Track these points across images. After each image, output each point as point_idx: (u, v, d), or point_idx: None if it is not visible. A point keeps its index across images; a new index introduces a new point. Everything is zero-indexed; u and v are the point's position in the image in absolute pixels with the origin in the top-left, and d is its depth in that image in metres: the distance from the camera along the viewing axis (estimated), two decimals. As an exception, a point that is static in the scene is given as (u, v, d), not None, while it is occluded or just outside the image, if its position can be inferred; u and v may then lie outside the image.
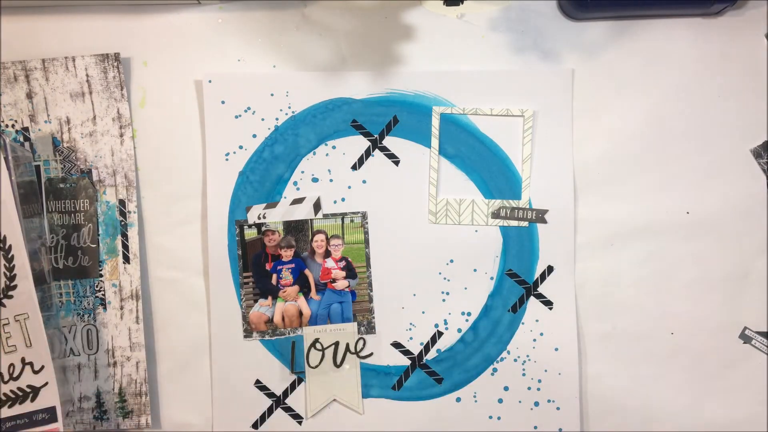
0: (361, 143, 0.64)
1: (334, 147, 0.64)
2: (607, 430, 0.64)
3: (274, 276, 0.64)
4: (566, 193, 0.64)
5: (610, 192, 0.64)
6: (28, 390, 0.55)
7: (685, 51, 0.64)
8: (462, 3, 0.57)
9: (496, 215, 0.64)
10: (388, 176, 0.64)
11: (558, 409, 0.64)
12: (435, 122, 0.64)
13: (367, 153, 0.64)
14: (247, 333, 0.64)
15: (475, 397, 0.64)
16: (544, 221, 0.64)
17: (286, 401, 0.64)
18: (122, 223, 0.63)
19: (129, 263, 0.63)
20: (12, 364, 0.55)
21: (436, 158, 0.64)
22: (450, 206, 0.64)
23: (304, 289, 0.64)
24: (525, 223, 0.64)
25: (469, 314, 0.64)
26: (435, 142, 0.64)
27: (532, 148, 0.64)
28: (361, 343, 0.64)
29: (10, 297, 0.55)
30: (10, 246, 0.55)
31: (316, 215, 0.64)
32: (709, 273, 0.64)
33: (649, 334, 0.64)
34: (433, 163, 0.64)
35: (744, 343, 0.64)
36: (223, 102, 0.64)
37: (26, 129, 0.63)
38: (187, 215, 0.64)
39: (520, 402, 0.64)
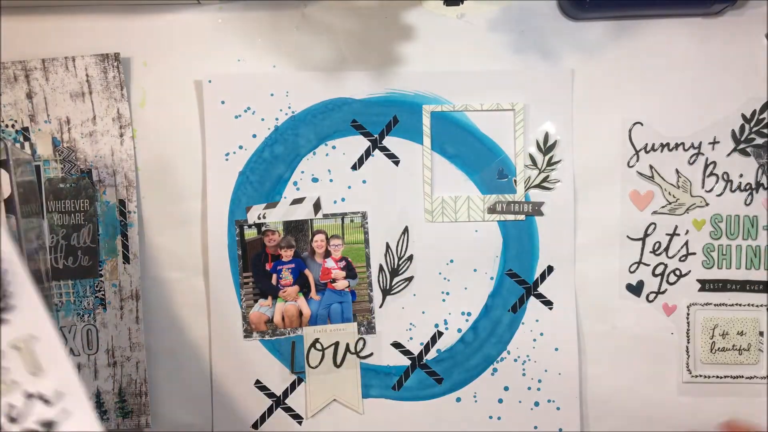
0: (361, 143, 0.64)
1: (334, 147, 0.64)
2: (607, 430, 0.64)
3: (274, 276, 0.64)
4: (566, 192, 0.64)
5: (610, 192, 0.64)
6: (42, 430, 0.43)
7: (685, 51, 0.64)
8: (462, 3, 0.57)
9: (492, 210, 0.64)
10: (388, 176, 0.64)
11: (558, 409, 0.64)
12: (426, 121, 0.64)
13: (367, 153, 0.64)
14: (247, 333, 0.64)
15: (475, 397, 0.64)
16: (541, 213, 0.64)
17: (286, 401, 0.64)
18: (122, 223, 0.63)
19: (129, 263, 0.63)
20: (10, 404, 0.42)
21: (429, 156, 0.64)
22: (446, 204, 0.64)
23: (304, 289, 0.64)
24: (522, 217, 0.64)
25: (469, 314, 0.64)
26: (427, 141, 0.64)
27: (525, 142, 0.64)
28: (361, 343, 0.64)
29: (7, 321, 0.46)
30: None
31: (316, 215, 0.64)
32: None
33: (649, 334, 0.64)
34: (426, 161, 0.64)
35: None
36: (222, 102, 0.64)
37: (26, 129, 0.63)
38: (187, 215, 0.64)
39: (520, 402, 0.64)
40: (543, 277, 0.64)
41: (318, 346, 0.64)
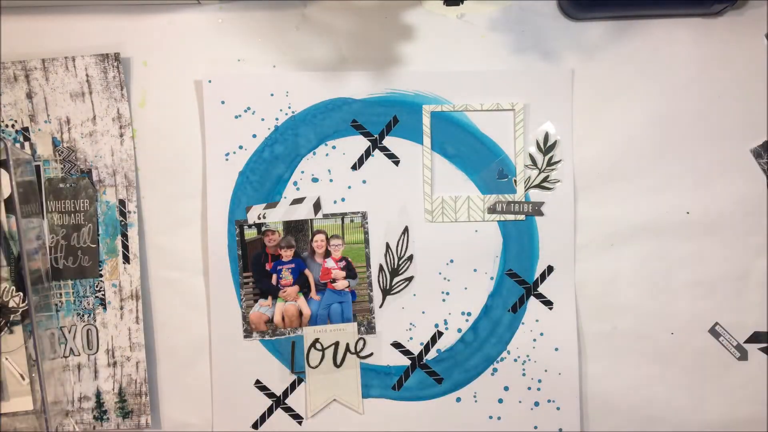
0: (361, 143, 0.64)
1: (334, 147, 0.64)
2: (607, 430, 0.64)
3: (274, 276, 0.64)
4: (566, 192, 0.64)
5: (610, 192, 0.64)
6: None
7: (685, 51, 0.64)
8: (462, 3, 0.57)
9: (492, 210, 0.64)
10: (388, 176, 0.64)
11: (558, 409, 0.64)
12: (426, 121, 0.64)
13: (367, 153, 0.64)
14: (247, 333, 0.64)
15: (475, 397, 0.64)
16: (541, 213, 0.64)
17: (286, 401, 0.64)
18: (122, 223, 0.63)
19: (129, 263, 0.63)
20: None
21: (429, 156, 0.64)
22: (446, 204, 0.64)
23: (304, 289, 0.64)
24: (522, 217, 0.64)
25: (469, 314, 0.64)
26: (427, 141, 0.64)
27: (525, 142, 0.64)
28: (361, 343, 0.64)
29: None
30: None
31: (316, 215, 0.64)
32: (709, 273, 0.64)
33: (649, 334, 0.64)
34: (426, 161, 0.64)
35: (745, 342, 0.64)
36: (222, 102, 0.64)
37: (26, 129, 0.63)
38: (187, 215, 0.64)
39: (520, 402, 0.64)
40: (543, 277, 0.64)
41: (318, 346, 0.64)
